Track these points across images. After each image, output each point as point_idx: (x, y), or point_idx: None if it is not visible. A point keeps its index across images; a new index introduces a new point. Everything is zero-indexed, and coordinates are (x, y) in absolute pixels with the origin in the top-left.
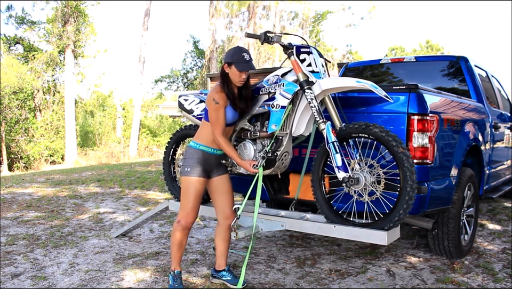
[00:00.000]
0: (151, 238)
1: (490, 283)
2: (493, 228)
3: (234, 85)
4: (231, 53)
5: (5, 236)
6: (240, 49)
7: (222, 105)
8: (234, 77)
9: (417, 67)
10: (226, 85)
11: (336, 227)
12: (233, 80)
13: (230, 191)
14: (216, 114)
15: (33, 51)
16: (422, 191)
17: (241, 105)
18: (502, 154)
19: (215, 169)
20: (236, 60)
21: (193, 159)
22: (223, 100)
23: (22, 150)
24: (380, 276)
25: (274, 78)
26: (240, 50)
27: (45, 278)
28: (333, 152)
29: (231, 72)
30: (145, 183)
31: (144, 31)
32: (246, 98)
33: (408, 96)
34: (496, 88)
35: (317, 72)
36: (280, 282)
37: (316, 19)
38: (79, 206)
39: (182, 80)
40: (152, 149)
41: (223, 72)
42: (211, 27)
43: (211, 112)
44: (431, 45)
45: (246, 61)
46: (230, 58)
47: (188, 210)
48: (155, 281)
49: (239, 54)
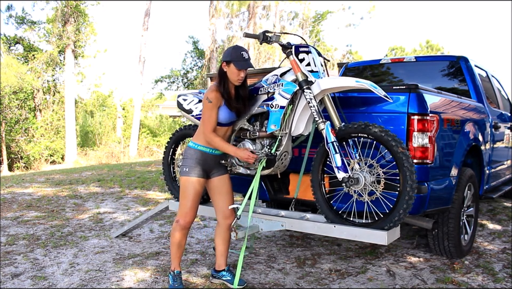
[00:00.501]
0: (151, 238)
1: (490, 283)
2: (493, 228)
3: (232, 84)
4: (229, 51)
5: (5, 236)
6: (239, 47)
7: (216, 104)
8: (233, 75)
9: (417, 67)
10: (223, 84)
11: (336, 227)
12: (231, 79)
13: (230, 191)
14: (208, 113)
15: (33, 51)
16: (422, 191)
17: (237, 105)
18: (502, 154)
19: (215, 169)
20: (235, 58)
21: (192, 159)
22: (217, 99)
23: (22, 150)
24: (380, 276)
25: (273, 77)
26: (239, 49)
27: (45, 278)
28: (332, 152)
29: (230, 70)
30: (145, 183)
31: (144, 31)
32: (243, 98)
33: (408, 96)
34: (496, 88)
35: (316, 72)
36: (280, 282)
37: (315, 19)
38: (79, 206)
39: (182, 80)
40: (152, 149)
41: (221, 70)
42: (211, 27)
43: (204, 110)
44: (431, 45)
45: (244, 59)
46: (229, 56)
47: (186, 210)
48: (155, 281)
49: (238, 53)
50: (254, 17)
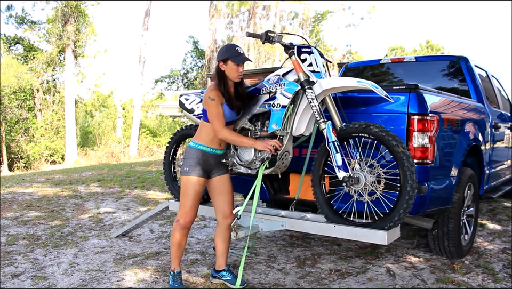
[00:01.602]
0: (151, 238)
1: (490, 283)
2: (493, 228)
3: (231, 83)
4: (223, 50)
5: (5, 236)
6: (232, 45)
7: (219, 101)
8: (232, 72)
9: (418, 67)
10: (223, 83)
11: (336, 227)
12: (231, 76)
13: (230, 191)
14: (215, 110)
15: (33, 51)
16: (422, 191)
17: (238, 103)
18: (502, 154)
19: (215, 169)
20: (231, 55)
21: (192, 159)
22: (218, 97)
23: (22, 150)
24: (380, 276)
25: (275, 77)
26: (232, 46)
27: (45, 278)
28: (333, 151)
29: (228, 68)
30: (146, 183)
31: (144, 31)
32: (242, 95)
33: (408, 96)
34: (496, 88)
35: (318, 72)
36: (280, 282)
37: (316, 19)
38: (79, 206)
39: (182, 80)
40: (152, 148)
41: (219, 70)
42: (211, 27)
43: (210, 109)
44: (431, 45)
45: (240, 54)
46: (225, 54)
47: (186, 210)
48: (155, 281)
49: (233, 49)
50: (254, 17)
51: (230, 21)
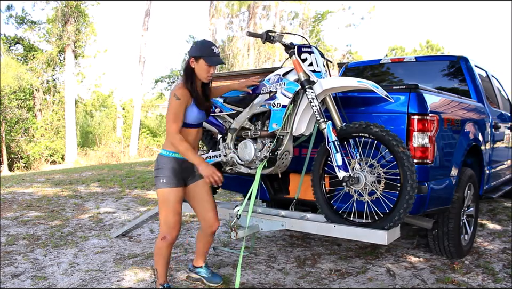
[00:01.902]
0: (151, 238)
1: (490, 283)
2: (493, 228)
3: (199, 82)
4: (198, 46)
5: (5, 236)
6: (208, 42)
7: (184, 102)
8: (202, 72)
9: (418, 67)
10: (191, 82)
11: (336, 227)
12: (200, 76)
13: (209, 195)
14: (175, 111)
15: (33, 51)
16: (422, 190)
17: (206, 103)
18: (502, 154)
19: (191, 175)
20: (205, 54)
21: (167, 169)
22: (186, 97)
23: (22, 150)
24: (380, 276)
25: (276, 77)
26: (208, 44)
27: (45, 278)
28: (333, 151)
29: (198, 67)
30: (146, 183)
31: (144, 31)
32: (207, 96)
33: (408, 96)
34: (496, 88)
35: (318, 72)
36: (280, 282)
37: (316, 19)
38: (79, 206)
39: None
40: (152, 149)
41: (189, 67)
42: (211, 27)
43: (170, 108)
44: (431, 45)
45: (215, 54)
46: (198, 52)
47: (171, 226)
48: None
49: (208, 48)
50: (254, 17)
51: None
